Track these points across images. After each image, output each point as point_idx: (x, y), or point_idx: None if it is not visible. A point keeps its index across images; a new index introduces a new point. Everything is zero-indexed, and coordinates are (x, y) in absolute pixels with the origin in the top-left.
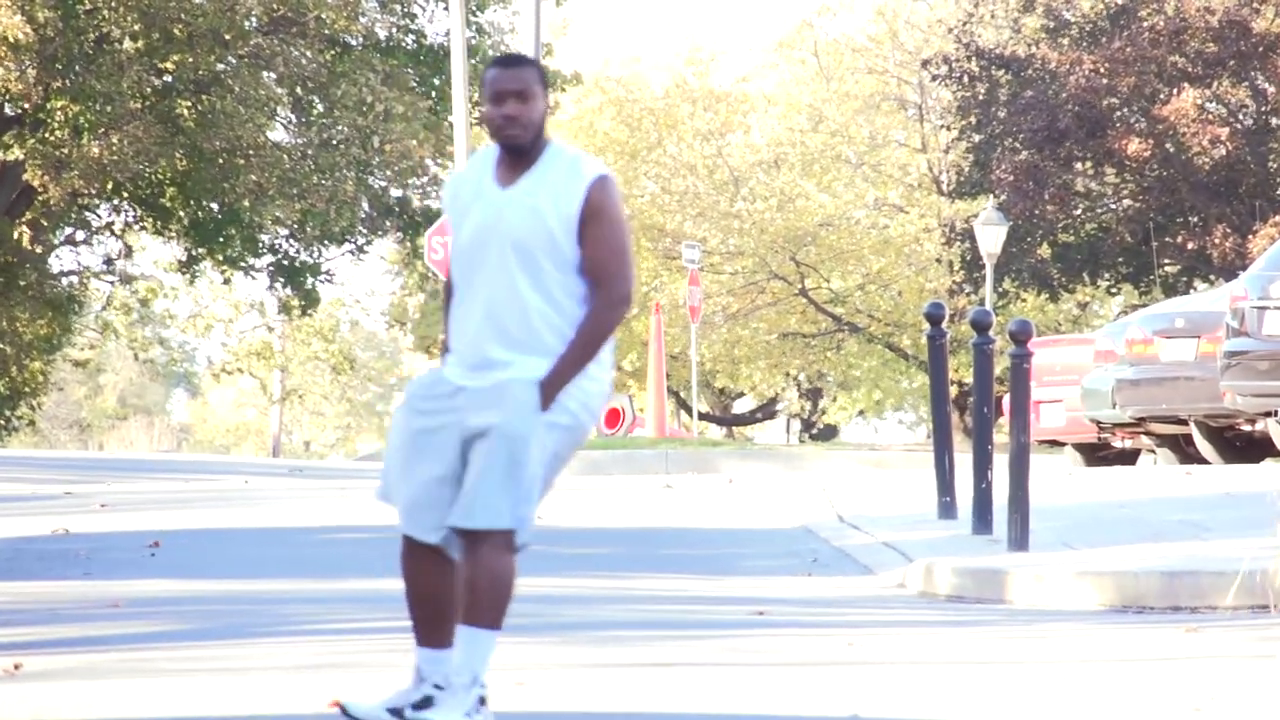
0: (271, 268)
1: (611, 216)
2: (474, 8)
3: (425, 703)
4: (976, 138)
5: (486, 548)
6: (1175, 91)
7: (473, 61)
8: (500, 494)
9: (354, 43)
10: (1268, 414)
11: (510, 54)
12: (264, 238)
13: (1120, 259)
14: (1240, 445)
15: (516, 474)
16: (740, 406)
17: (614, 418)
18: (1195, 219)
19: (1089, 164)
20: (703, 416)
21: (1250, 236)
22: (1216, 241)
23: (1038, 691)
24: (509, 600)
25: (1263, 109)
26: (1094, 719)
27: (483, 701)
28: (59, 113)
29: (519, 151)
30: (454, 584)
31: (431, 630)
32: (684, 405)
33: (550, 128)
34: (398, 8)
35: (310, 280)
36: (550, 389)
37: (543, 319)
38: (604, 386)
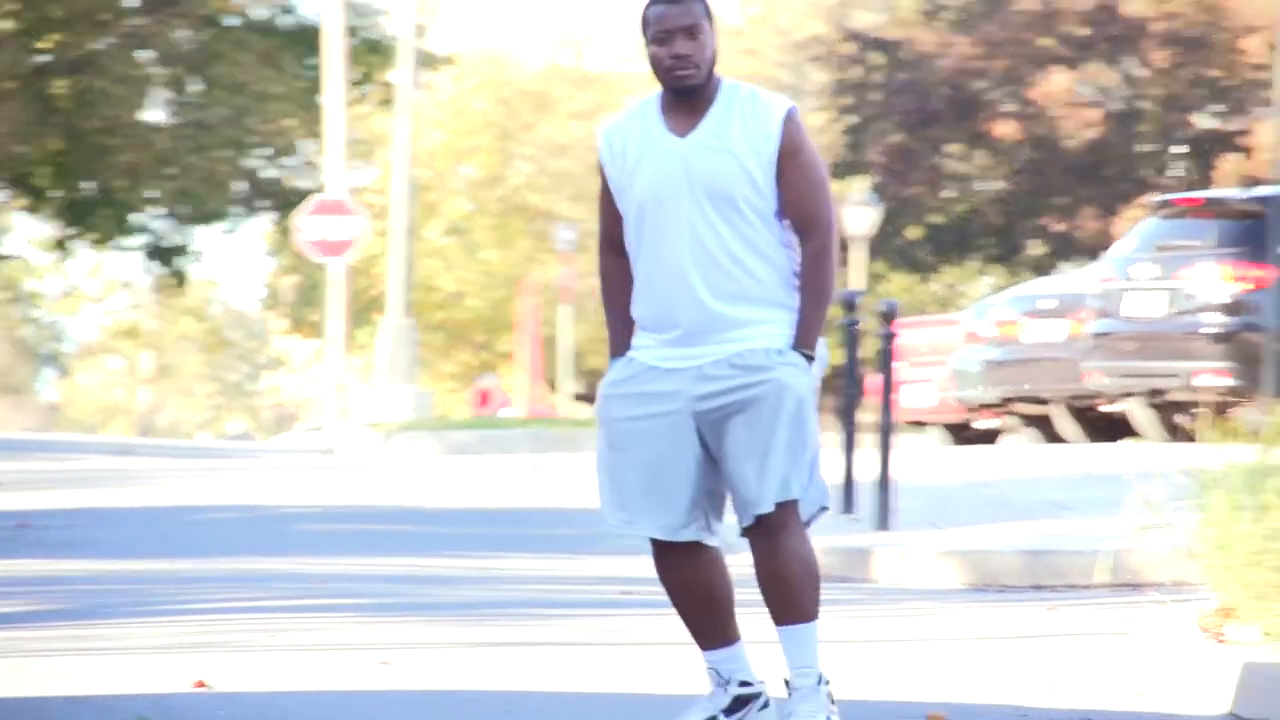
0: (145, 247)
1: (809, 150)
2: None
3: (739, 704)
4: (851, 120)
5: (785, 532)
6: (1046, 74)
7: (348, 42)
8: (788, 465)
9: (230, 23)
10: (1130, 394)
11: None
12: (138, 217)
13: (989, 240)
14: (1102, 425)
15: (800, 440)
16: None
17: (484, 398)
18: (1063, 201)
19: (960, 146)
20: (574, 397)
21: (1116, 218)
22: (1083, 223)
23: (899, 669)
24: (819, 582)
25: (1131, 92)
26: (955, 696)
27: (830, 699)
28: None
29: (691, 93)
30: (722, 574)
31: (716, 631)
32: (554, 385)
33: (424, 107)
34: None
35: (182, 260)
36: (808, 345)
37: (757, 269)
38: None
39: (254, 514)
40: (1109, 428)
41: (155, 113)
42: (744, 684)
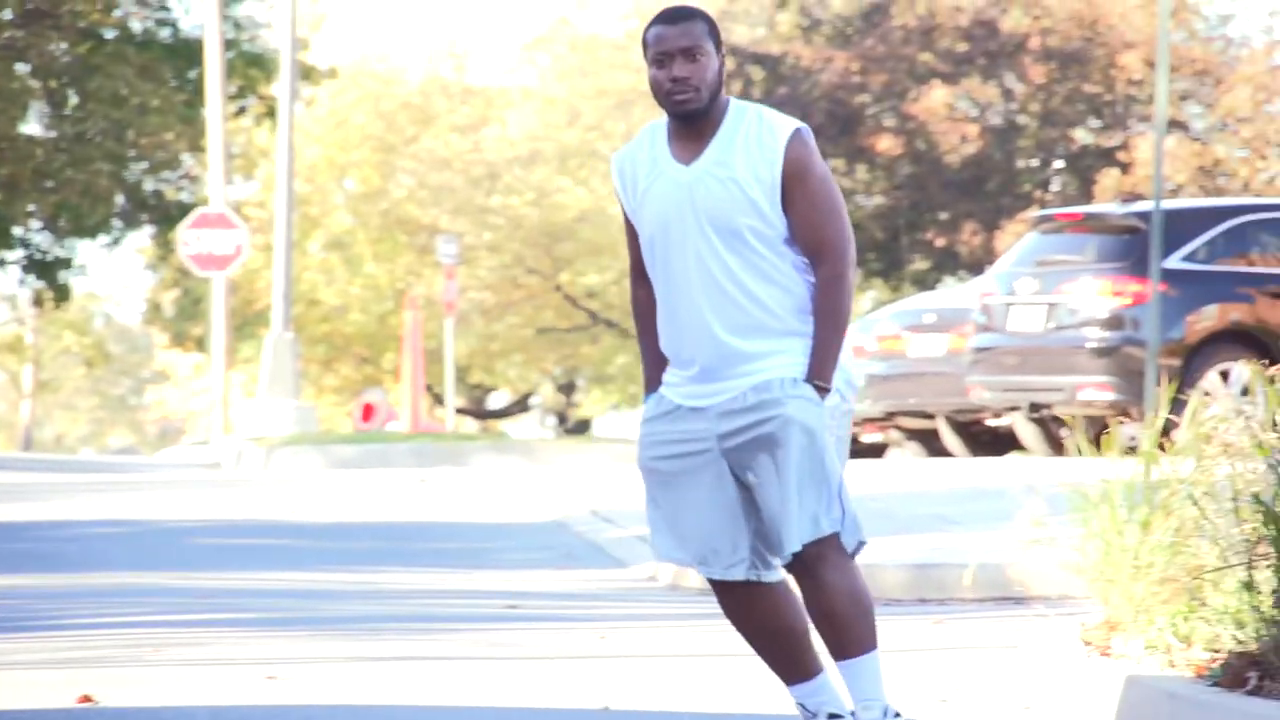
0: (24, 261)
1: (817, 173)
2: (229, 1)
3: None
4: None
5: (826, 567)
6: (925, 89)
7: (228, 55)
8: (813, 502)
9: (109, 35)
10: (1013, 409)
11: (676, 6)
12: (17, 230)
13: (871, 255)
14: (986, 440)
15: (821, 475)
16: (495, 401)
17: (368, 412)
18: (944, 216)
19: (841, 161)
20: (458, 411)
21: (997, 233)
22: (965, 238)
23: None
24: (873, 611)
25: (1010, 107)
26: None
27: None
28: None
29: (694, 118)
30: (789, 608)
31: (793, 666)
32: (438, 399)
33: (305, 121)
34: (152, 0)
35: (63, 274)
36: (822, 378)
37: (769, 300)
38: (852, 359)
39: (139, 528)
40: (993, 442)
41: (33, 126)
42: (833, 716)
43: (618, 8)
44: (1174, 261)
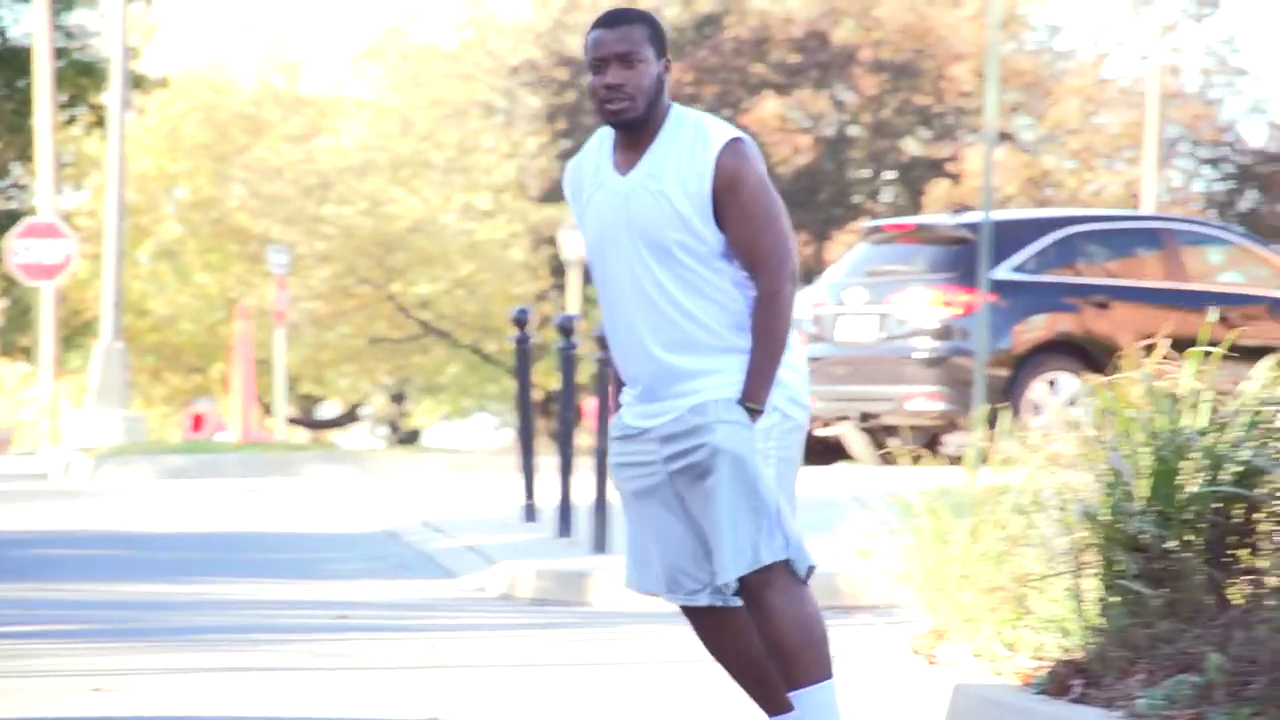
0: None
1: (751, 185)
2: (59, 9)
3: None
4: (564, 145)
5: (772, 594)
6: (758, 100)
7: (59, 64)
8: (750, 531)
9: None
10: (843, 418)
11: (616, 9)
12: None
13: None
14: (816, 449)
15: (754, 502)
16: (326, 411)
17: (198, 422)
18: None
19: None
20: (289, 421)
21: (828, 243)
22: (797, 247)
23: (613, 692)
24: (824, 639)
25: (842, 118)
26: (666, 717)
27: None
28: None
29: (630, 127)
30: (755, 636)
31: (769, 697)
32: (269, 409)
33: (136, 130)
34: None
35: None
36: (755, 399)
37: (702, 315)
38: (801, 371)
39: None
40: (823, 451)
41: None
42: None
43: (451, 17)
44: (1003, 272)
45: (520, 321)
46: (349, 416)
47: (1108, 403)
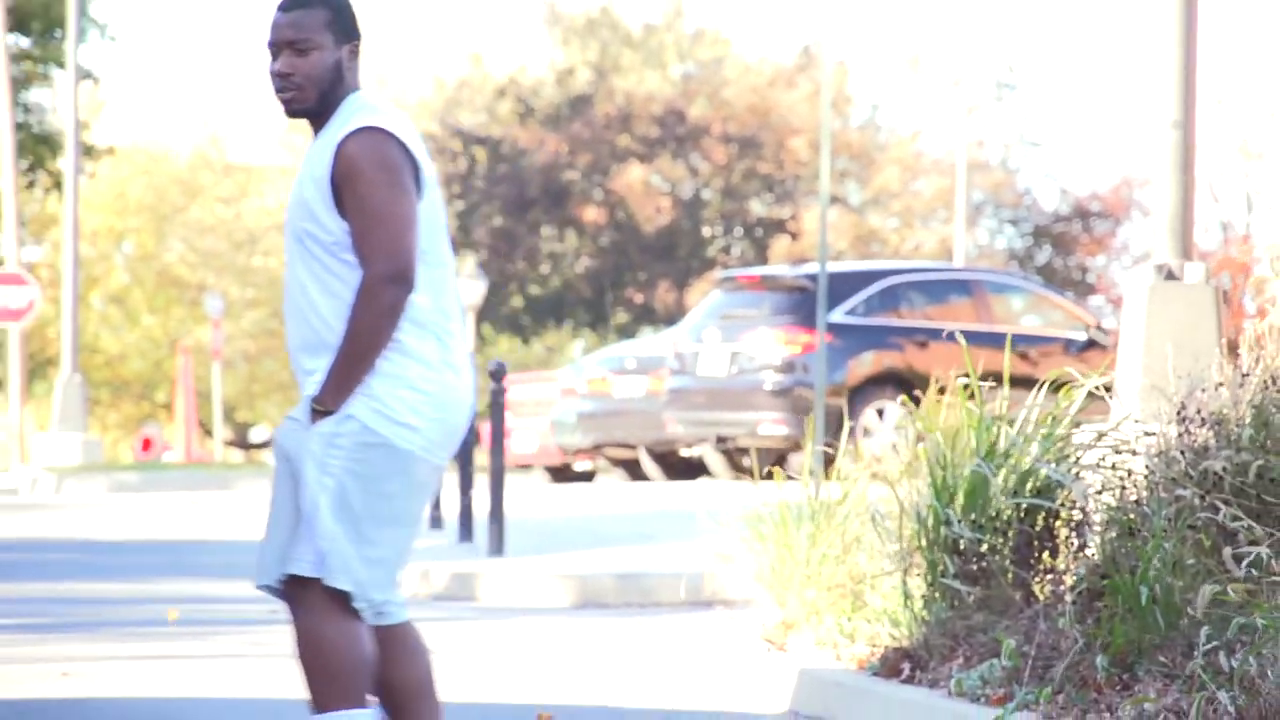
0: None
1: (369, 177)
2: (19, 88)
3: None
4: (459, 205)
5: (297, 609)
6: (625, 168)
7: (19, 135)
8: (286, 534)
9: None
10: (703, 441)
11: None
12: None
13: (581, 309)
14: (679, 467)
15: (289, 507)
16: (257, 435)
17: (147, 444)
18: (643, 276)
19: (554, 228)
20: (226, 443)
21: (687, 291)
22: (660, 295)
23: (511, 677)
24: (343, 675)
25: (697, 183)
26: (561, 699)
27: None
28: None
29: (303, 116)
30: (400, 658)
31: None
32: (208, 432)
33: (88, 192)
34: None
35: None
36: (323, 398)
37: (325, 311)
38: (417, 388)
39: None
40: (686, 469)
41: None
42: None
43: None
44: (837, 316)
45: None
46: None
47: (928, 426)
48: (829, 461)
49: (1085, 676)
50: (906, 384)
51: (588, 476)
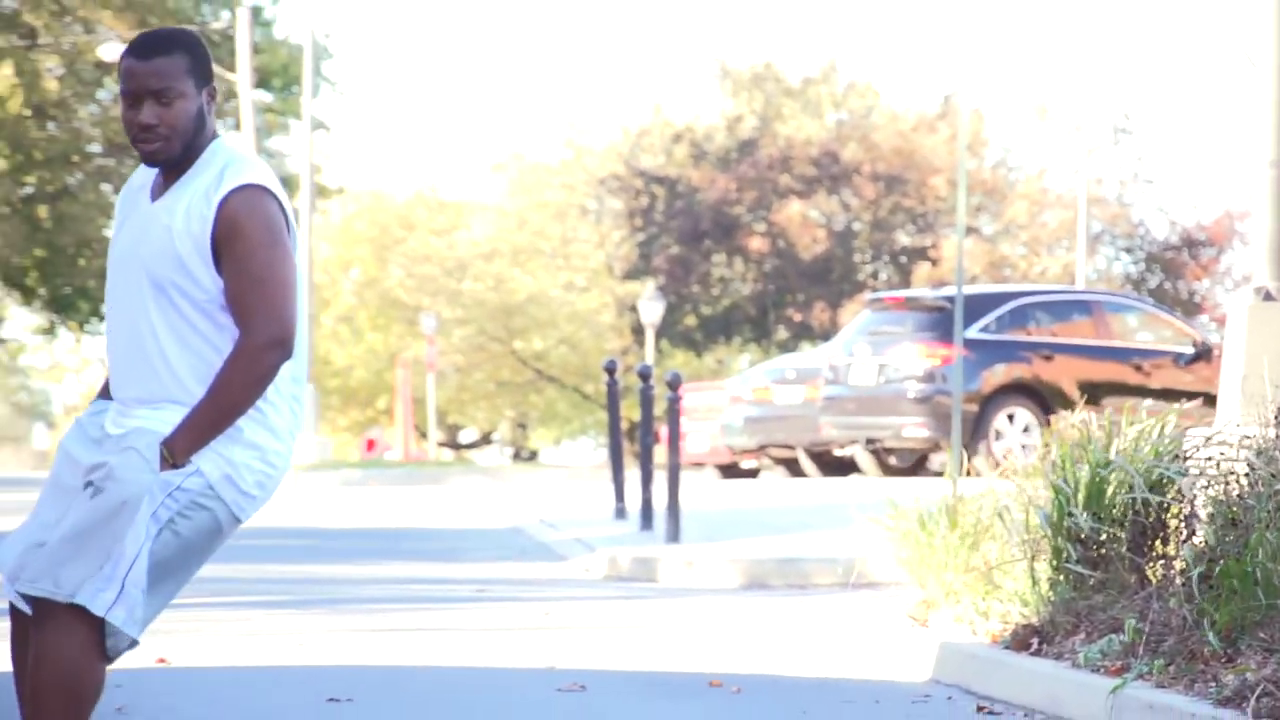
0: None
1: (251, 237)
2: (262, 136)
3: None
4: (640, 236)
5: (54, 627)
6: (785, 203)
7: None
8: (80, 558)
9: None
10: (854, 442)
11: (153, 33)
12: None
13: (747, 326)
14: (834, 465)
15: (107, 540)
16: (466, 436)
17: (370, 445)
18: (801, 297)
19: (723, 256)
20: (439, 444)
21: (840, 310)
22: (816, 314)
23: (687, 649)
24: (82, 712)
25: (849, 216)
26: (731, 669)
27: None
28: None
29: (167, 165)
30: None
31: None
32: (423, 435)
33: (320, 227)
34: None
35: None
36: (174, 446)
37: (179, 365)
38: (267, 460)
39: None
40: (839, 467)
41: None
42: None
43: (555, 141)
44: (972, 332)
45: (610, 369)
46: (484, 440)
47: (1057, 441)
48: (965, 461)
49: (1194, 650)
50: (1034, 393)
51: (753, 474)
